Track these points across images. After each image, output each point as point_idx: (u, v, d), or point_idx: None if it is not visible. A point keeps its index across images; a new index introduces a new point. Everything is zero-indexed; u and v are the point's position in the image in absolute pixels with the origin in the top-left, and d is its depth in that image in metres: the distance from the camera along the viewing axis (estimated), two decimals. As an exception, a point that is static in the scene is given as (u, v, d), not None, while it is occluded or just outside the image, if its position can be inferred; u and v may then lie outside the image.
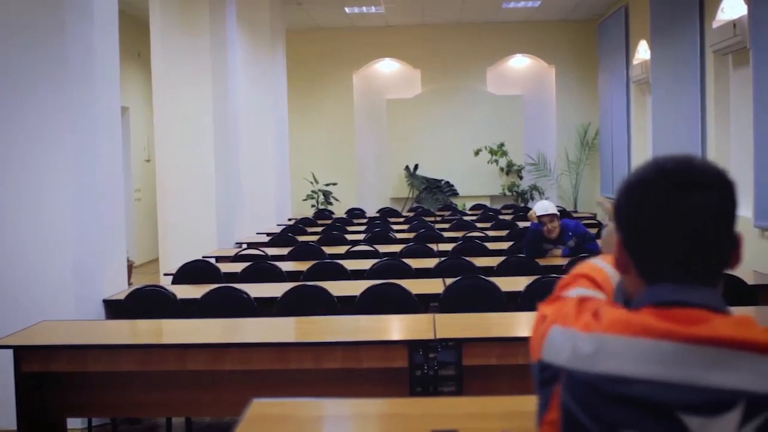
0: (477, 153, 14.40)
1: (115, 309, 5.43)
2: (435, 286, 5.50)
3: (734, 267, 1.34)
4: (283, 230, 9.80)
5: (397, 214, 12.09)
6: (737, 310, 4.71)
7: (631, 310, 1.29)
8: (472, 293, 5.12)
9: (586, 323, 1.28)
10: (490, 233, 9.01)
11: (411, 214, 11.83)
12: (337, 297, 5.07)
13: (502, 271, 6.17)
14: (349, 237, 8.78)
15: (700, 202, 1.27)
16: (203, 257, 7.23)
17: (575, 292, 1.50)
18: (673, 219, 1.28)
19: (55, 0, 5.12)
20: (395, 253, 7.19)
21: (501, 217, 10.98)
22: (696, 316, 1.25)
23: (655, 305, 1.28)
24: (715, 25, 8.57)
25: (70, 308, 5.15)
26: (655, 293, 1.30)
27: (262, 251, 7.58)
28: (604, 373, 1.22)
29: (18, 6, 5.10)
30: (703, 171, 1.30)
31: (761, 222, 7.18)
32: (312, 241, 8.18)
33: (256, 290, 5.33)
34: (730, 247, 1.31)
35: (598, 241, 1.67)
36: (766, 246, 7.30)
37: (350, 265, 6.38)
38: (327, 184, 14.39)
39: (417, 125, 14.83)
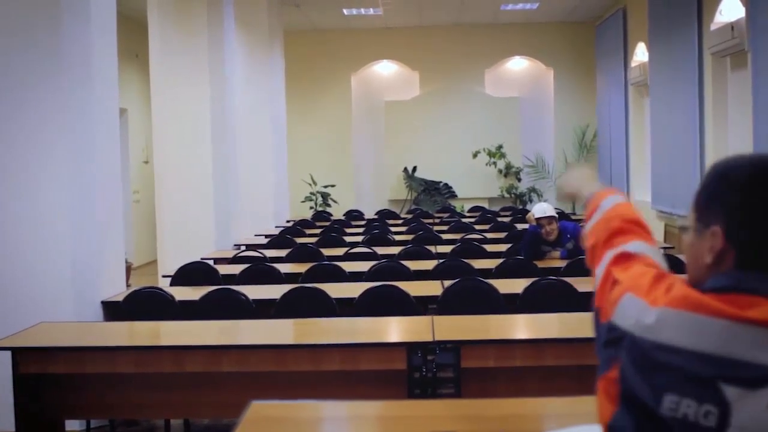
0: (475, 155, 14.41)
1: (113, 310, 5.42)
2: (433, 288, 5.50)
3: None
4: (281, 232, 9.79)
5: (396, 216, 12.09)
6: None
7: (699, 291, 1.38)
8: (470, 295, 5.12)
9: (655, 298, 1.37)
10: (489, 235, 9.02)
11: (409, 216, 11.83)
12: (336, 299, 5.07)
13: (500, 273, 6.17)
14: (348, 239, 8.79)
15: None
16: (201, 259, 7.23)
17: (637, 247, 1.60)
18: None
19: (53, 1, 5.12)
20: (394, 255, 7.19)
21: (499, 219, 10.98)
22: (754, 301, 1.32)
23: (724, 291, 1.35)
24: (713, 27, 8.59)
25: (68, 310, 5.14)
26: (730, 278, 1.38)
27: (261, 253, 7.58)
28: (658, 341, 1.32)
29: (16, 7, 5.10)
30: None
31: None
32: (310, 243, 8.18)
33: (254, 292, 5.33)
34: None
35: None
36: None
37: (349, 266, 6.38)
38: (325, 186, 14.39)
39: (415, 127, 14.83)
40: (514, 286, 5.31)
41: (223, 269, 6.63)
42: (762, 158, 1.42)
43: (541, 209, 6.75)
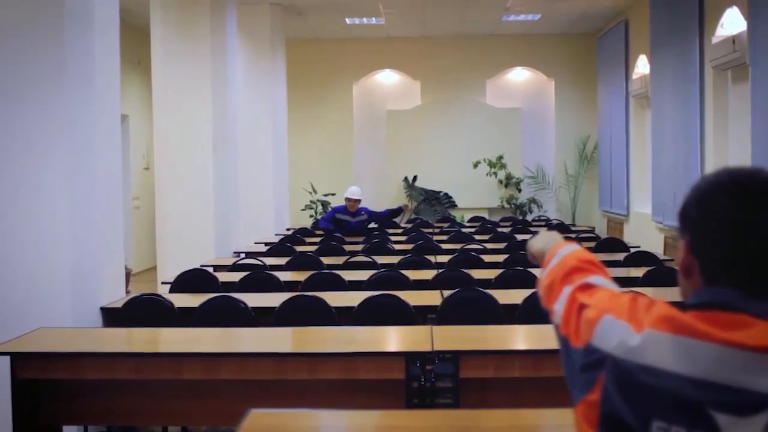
0: (476, 165, 14.42)
1: (112, 317, 5.42)
2: (433, 297, 5.50)
3: None
4: (281, 240, 9.79)
5: (396, 226, 12.10)
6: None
7: (680, 310, 1.36)
8: (469, 305, 5.12)
9: (638, 319, 1.35)
10: (489, 245, 9.02)
11: (409, 226, 11.83)
12: (335, 308, 5.06)
13: (499, 283, 6.17)
14: (348, 248, 8.78)
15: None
16: (201, 266, 7.23)
17: (597, 279, 1.60)
18: (744, 227, 1.34)
19: (55, 7, 5.13)
20: (393, 264, 7.19)
21: (499, 229, 10.98)
22: (738, 321, 1.30)
23: (702, 307, 1.34)
24: (714, 40, 8.60)
25: (67, 315, 5.14)
26: (707, 294, 1.37)
27: (260, 261, 7.58)
28: (644, 363, 1.29)
29: (19, 14, 5.11)
30: None
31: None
32: (310, 252, 8.18)
33: (253, 300, 5.32)
34: None
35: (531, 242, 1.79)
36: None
37: (348, 275, 6.38)
38: (326, 195, 14.39)
39: (416, 137, 14.84)
40: (514, 296, 5.31)
41: (223, 277, 6.63)
42: (731, 171, 1.40)
43: (351, 192, 10.25)
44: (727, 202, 1.36)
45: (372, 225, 10.64)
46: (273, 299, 5.33)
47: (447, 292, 5.34)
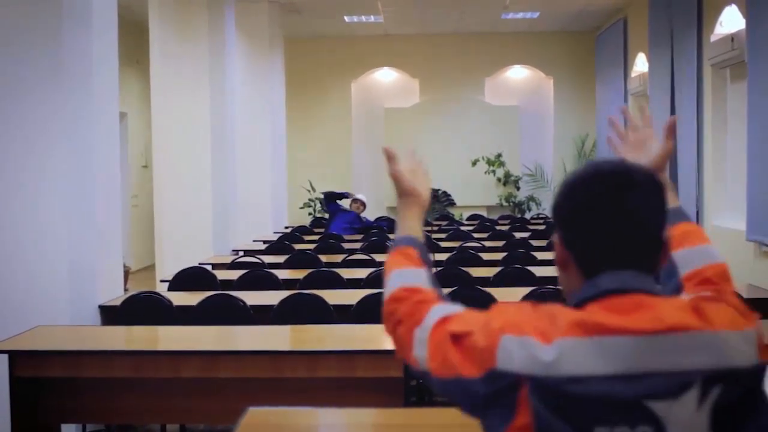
0: (474, 163, 14.42)
1: (110, 315, 5.42)
2: (431, 295, 5.49)
3: (664, 263, 1.46)
4: (279, 238, 9.79)
5: (394, 223, 12.09)
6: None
7: (580, 309, 1.36)
8: (468, 304, 5.06)
9: (543, 332, 1.31)
10: (487, 244, 9.02)
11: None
12: (333, 305, 5.07)
13: (498, 281, 6.17)
14: (346, 245, 8.79)
15: (636, 200, 1.38)
16: (199, 264, 7.23)
17: (446, 308, 1.60)
18: (612, 216, 1.38)
19: (54, 6, 5.13)
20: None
21: (498, 227, 10.98)
22: (638, 302, 1.33)
23: (597, 297, 1.36)
24: (713, 38, 8.60)
25: (65, 314, 5.14)
26: (596, 284, 1.38)
27: (259, 259, 7.58)
28: (567, 375, 1.26)
29: (16, 12, 5.10)
30: (636, 172, 1.42)
31: (754, 236, 7.20)
32: (308, 249, 8.18)
33: (252, 298, 5.32)
34: (663, 244, 1.42)
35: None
36: (759, 260, 7.31)
37: (347, 273, 6.38)
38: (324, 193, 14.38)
39: (415, 134, 14.82)
40: (512, 294, 5.31)
41: (221, 275, 6.63)
42: (595, 163, 1.46)
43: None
44: (594, 190, 1.40)
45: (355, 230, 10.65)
46: (271, 297, 5.33)
47: (445, 291, 5.32)
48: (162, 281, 6.93)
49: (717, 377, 1.27)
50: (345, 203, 10.93)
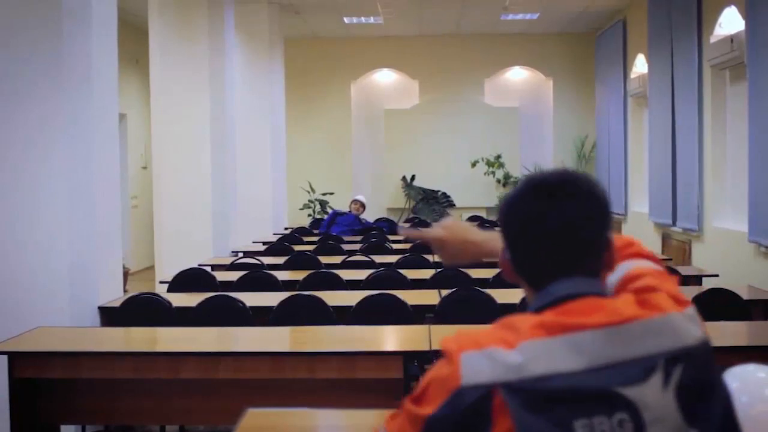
0: (474, 164, 14.41)
1: (110, 316, 5.42)
2: (431, 297, 5.50)
3: (611, 269, 1.49)
4: (279, 239, 9.79)
5: (394, 224, 12.09)
6: (731, 325, 4.69)
7: (538, 314, 1.39)
8: (467, 305, 5.11)
9: (505, 340, 1.33)
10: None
11: (407, 225, 11.82)
12: (333, 307, 5.06)
13: (497, 282, 6.16)
14: (345, 247, 8.78)
15: (570, 209, 1.41)
16: (199, 265, 7.23)
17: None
18: (549, 227, 1.41)
19: (53, 6, 5.12)
20: (391, 263, 7.19)
21: (497, 229, 10.96)
22: (591, 304, 1.37)
23: (552, 304, 1.39)
24: (712, 39, 8.60)
25: (64, 315, 5.13)
26: (549, 292, 1.41)
27: (258, 260, 7.57)
28: (538, 374, 1.29)
29: (16, 12, 5.10)
30: (571, 181, 1.45)
31: (755, 237, 7.20)
32: (308, 251, 8.18)
33: (251, 299, 5.32)
34: (604, 248, 1.45)
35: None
36: (760, 261, 7.32)
37: (346, 275, 6.37)
38: (324, 194, 14.39)
39: (414, 136, 14.85)
40: (512, 295, 5.30)
41: (221, 276, 6.62)
42: (528, 177, 1.49)
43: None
44: (528, 205, 1.44)
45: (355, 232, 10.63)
46: (271, 298, 5.32)
47: (445, 292, 5.34)
48: (161, 282, 6.92)
49: (676, 357, 1.32)
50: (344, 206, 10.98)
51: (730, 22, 8.36)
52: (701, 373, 1.35)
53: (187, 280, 6.36)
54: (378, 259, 7.53)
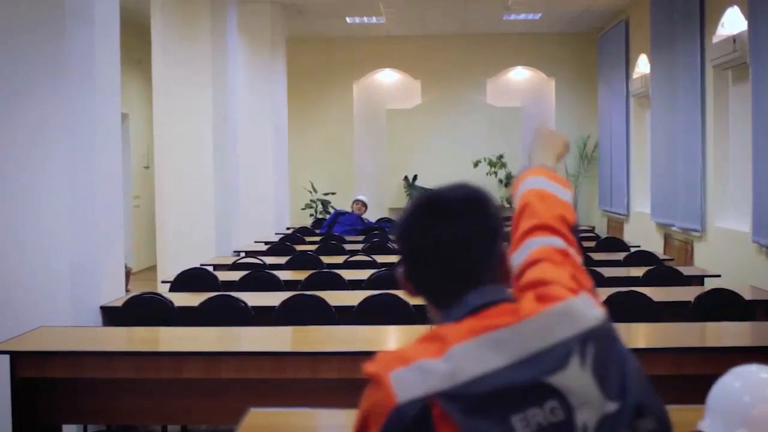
0: (476, 164, 14.40)
1: (112, 316, 5.42)
2: (433, 297, 5.48)
3: (508, 281, 1.53)
4: (281, 239, 9.79)
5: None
6: (733, 325, 4.68)
7: (459, 323, 1.41)
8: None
9: (431, 350, 1.36)
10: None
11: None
12: (335, 307, 5.06)
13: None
14: (348, 247, 8.78)
15: (461, 227, 1.45)
16: (201, 265, 7.23)
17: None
18: (442, 246, 1.45)
19: (56, 6, 5.13)
20: (393, 263, 7.17)
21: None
22: (504, 308, 1.41)
23: (471, 313, 1.42)
24: (715, 40, 8.59)
25: (66, 314, 5.14)
26: (466, 304, 1.44)
27: (260, 260, 7.57)
28: (470, 377, 1.32)
29: (19, 12, 5.11)
30: (461, 198, 1.49)
31: (759, 238, 7.18)
32: (310, 251, 8.17)
33: (253, 299, 5.32)
34: (500, 261, 1.51)
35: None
36: (762, 261, 7.31)
37: (348, 274, 6.37)
38: (326, 194, 14.39)
39: (416, 136, 14.83)
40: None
41: (223, 276, 6.63)
42: (417, 197, 1.53)
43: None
44: (421, 227, 1.47)
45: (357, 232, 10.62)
46: (273, 298, 5.32)
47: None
48: (163, 282, 6.93)
49: (585, 338, 1.36)
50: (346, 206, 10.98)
51: (733, 23, 8.35)
52: (609, 349, 1.39)
53: (189, 280, 6.36)
54: (380, 259, 7.52)
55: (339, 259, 7.63)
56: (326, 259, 7.51)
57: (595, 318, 1.40)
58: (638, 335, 4.43)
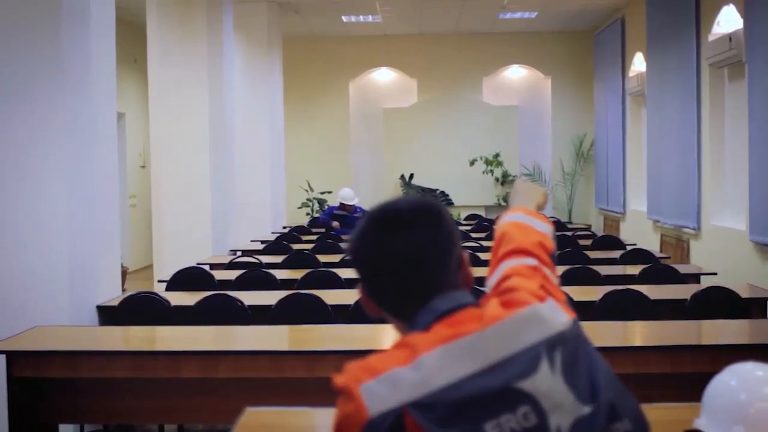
0: (472, 163, 14.41)
1: (108, 315, 5.42)
2: (429, 295, 5.48)
3: (469, 285, 1.53)
4: (277, 238, 9.79)
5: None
6: (729, 323, 4.69)
7: (427, 331, 1.41)
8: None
9: (402, 359, 1.36)
10: (485, 243, 9.01)
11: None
12: (332, 305, 5.06)
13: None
14: (344, 245, 8.77)
15: (413, 239, 1.44)
16: (197, 264, 7.22)
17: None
18: (396, 260, 1.44)
19: (51, 5, 5.12)
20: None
21: (495, 227, 10.95)
22: (473, 313, 1.42)
23: (438, 319, 1.41)
24: (711, 38, 8.61)
25: (63, 314, 5.13)
26: (432, 310, 1.43)
27: (257, 259, 7.57)
28: (440, 386, 1.31)
29: (14, 11, 5.10)
30: (410, 211, 1.48)
31: (756, 236, 7.20)
32: (306, 250, 8.18)
33: (250, 298, 5.32)
34: (458, 268, 1.51)
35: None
36: (759, 259, 7.32)
37: (345, 273, 6.37)
38: (322, 193, 14.38)
39: (413, 134, 14.84)
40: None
41: (219, 275, 6.62)
42: (368, 214, 1.52)
43: (344, 197, 10.38)
44: (372, 242, 1.47)
45: None
46: (269, 297, 5.32)
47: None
48: (160, 281, 6.92)
49: (553, 343, 1.36)
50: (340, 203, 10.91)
51: (729, 21, 8.36)
52: (578, 352, 1.39)
53: (185, 279, 6.36)
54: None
55: (335, 258, 7.63)
56: (322, 258, 7.51)
57: (562, 323, 1.40)
58: (634, 333, 4.44)
